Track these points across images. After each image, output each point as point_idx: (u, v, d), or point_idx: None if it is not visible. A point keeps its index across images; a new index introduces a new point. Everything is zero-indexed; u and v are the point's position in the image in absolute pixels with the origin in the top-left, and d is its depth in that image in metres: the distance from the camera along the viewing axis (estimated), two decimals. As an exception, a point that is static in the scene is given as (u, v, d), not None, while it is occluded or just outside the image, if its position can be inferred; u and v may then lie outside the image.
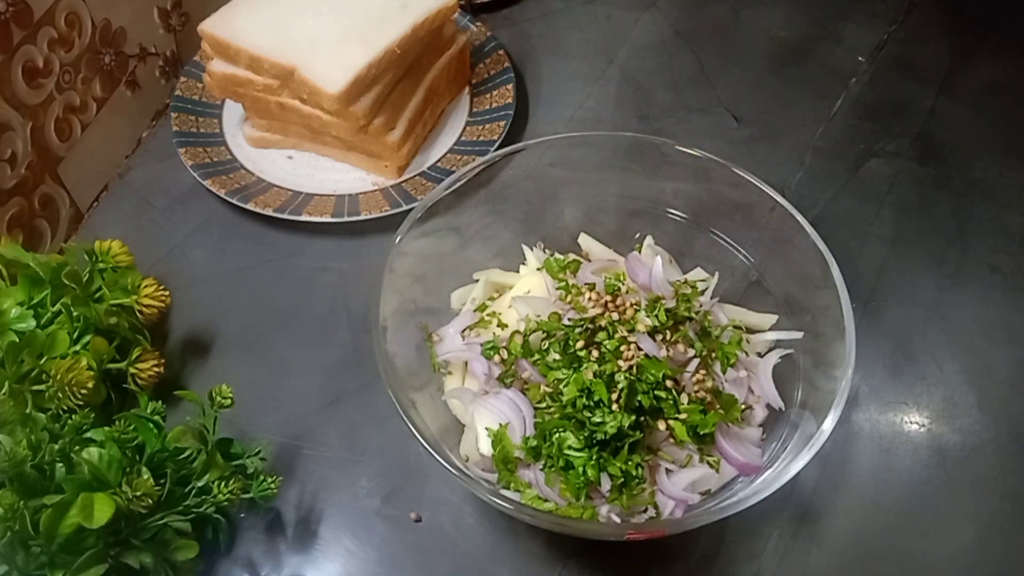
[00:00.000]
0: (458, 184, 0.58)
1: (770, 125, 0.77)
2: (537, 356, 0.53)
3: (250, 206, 0.68)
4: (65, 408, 0.51)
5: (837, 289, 0.51)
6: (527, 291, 0.58)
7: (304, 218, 0.68)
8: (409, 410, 0.49)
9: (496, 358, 0.54)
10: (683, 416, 0.51)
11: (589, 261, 0.61)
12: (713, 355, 0.55)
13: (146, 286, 0.58)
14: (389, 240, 0.54)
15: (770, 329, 0.58)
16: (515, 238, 0.62)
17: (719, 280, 0.60)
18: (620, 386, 0.50)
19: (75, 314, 0.55)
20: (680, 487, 0.51)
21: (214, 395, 0.52)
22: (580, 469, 0.49)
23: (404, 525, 0.56)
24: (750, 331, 0.58)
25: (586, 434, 0.49)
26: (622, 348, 0.52)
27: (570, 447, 0.50)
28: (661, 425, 0.51)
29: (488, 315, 0.57)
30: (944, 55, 0.81)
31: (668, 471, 0.51)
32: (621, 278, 0.57)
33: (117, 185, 0.74)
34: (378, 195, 0.70)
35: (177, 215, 0.72)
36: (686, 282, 0.58)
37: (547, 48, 0.83)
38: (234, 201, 0.69)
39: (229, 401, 0.52)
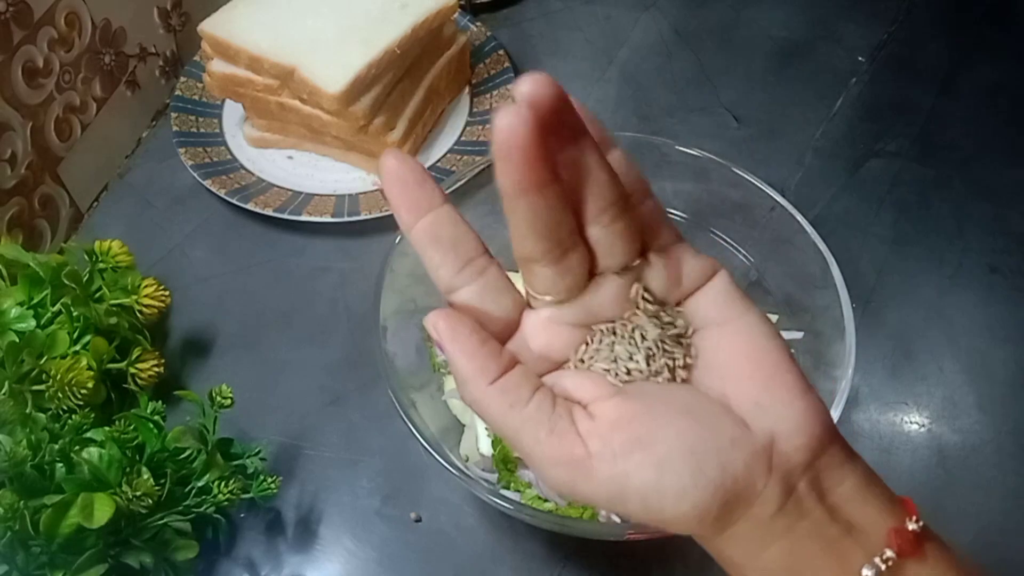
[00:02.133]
0: (458, 184, 0.57)
1: (770, 125, 0.77)
2: (537, 356, 0.53)
3: (250, 206, 0.68)
4: (65, 408, 0.51)
5: (837, 289, 0.51)
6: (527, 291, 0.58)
7: (304, 218, 0.68)
8: (409, 410, 0.49)
9: (496, 358, 0.54)
10: (683, 416, 0.51)
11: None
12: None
13: (146, 286, 0.58)
14: (389, 240, 0.54)
15: (770, 329, 0.58)
16: (515, 238, 0.62)
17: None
18: (620, 386, 0.50)
19: (75, 314, 0.55)
20: (680, 487, 0.51)
21: (214, 395, 0.52)
22: (580, 469, 0.49)
23: (404, 525, 0.56)
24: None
25: (586, 434, 0.49)
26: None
27: (570, 447, 0.50)
28: (661, 425, 0.51)
29: (488, 315, 0.57)
30: (944, 55, 0.81)
31: (668, 471, 0.51)
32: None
33: (117, 185, 0.74)
34: (378, 195, 0.70)
35: (177, 215, 0.72)
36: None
37: (547, 48, 0.83)
38: (234, 201, 0.69)
39: (229, 401, 0.52)
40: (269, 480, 0.53)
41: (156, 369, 0.58)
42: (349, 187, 0.71)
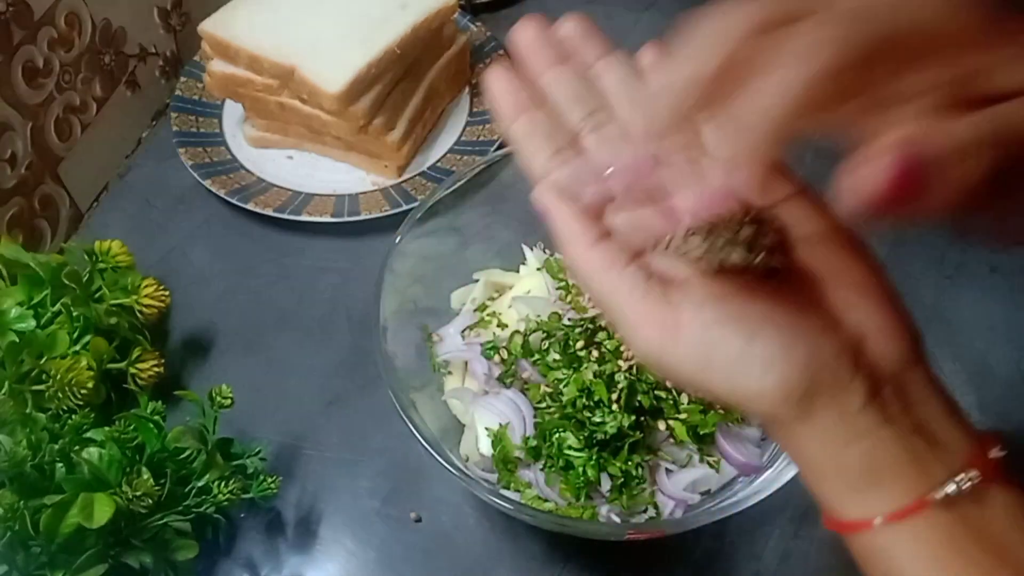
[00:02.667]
0: (458, 184, 0.57)
1: (770, 125, 0.76)
2: (537, 356, 0.53)
3: (250, 206, 0.68)
4: (65, 408, 0.51)
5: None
6: (527, 291, 0.58)
7: (304, 218, 0.68)
8: (409, 410, 0.49)
9: (496, 358, 0.54)
10: (683, 416, 0.51)
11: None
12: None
13: (146, 286, 0.58)
14: (389, 240, 0.54)
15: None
16: (515, 238, 0.62)
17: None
18: (620, 386, 0.50)
19: (75, 314, 0.55)
20: (680, 487, 0.51)
21: (214, 395, 0.52)
22: (580, 469, 0.49)
23: (404, 525, 0.56)
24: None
25: (586, 434, 0.49)
26: (622, 348, 0.52)
27: (570, 447, 0.50)
28: (661, 425, 0.51)
29: (488, 315, 0.57)
30: (944, 55, 0.81)
31: (668, 471, 0.51)
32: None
33: (117, 185, 0.74)
34: (378, 195, 0.70)
35: (177, 215, 0.72)
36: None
37: (547, 48, 0.83)
38: (234, 201, 0.69)
39: (229, 401, 0.52)
40: (269, 480, 0.53)
41: (156, 369, 0.58)
42: (349, 187, 0.71)
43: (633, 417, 0.50)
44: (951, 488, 0.29)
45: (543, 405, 0.52)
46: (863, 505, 0.30)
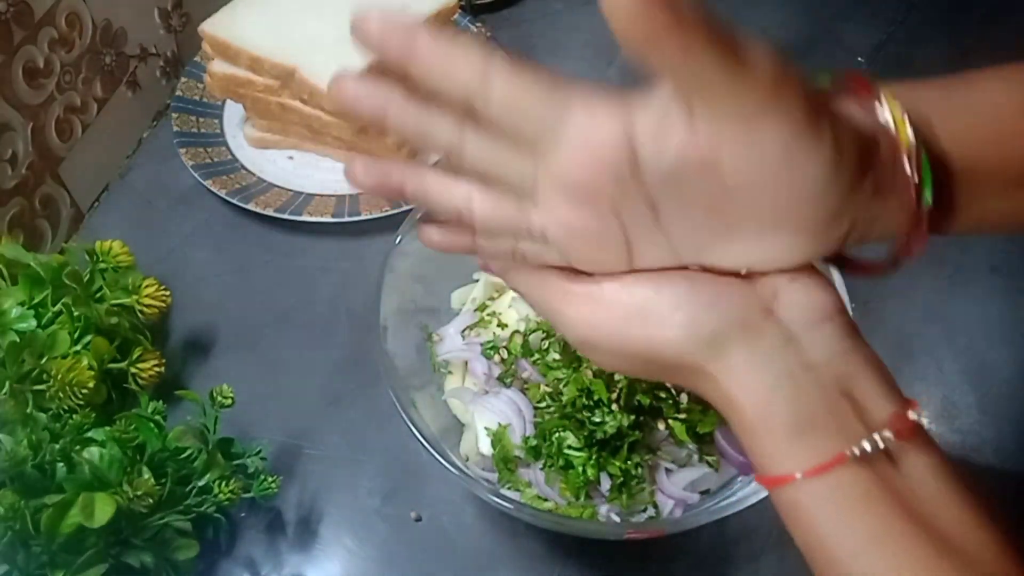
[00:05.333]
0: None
1: (770, 125, 0.76)
2: (537, 356, 0.53)
3: (251, 206, 0.68)
4: (66, 408, 0.51)
5: (836, 289, 0.51)
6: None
7: (305, 218, 0.68)
8: (409, 410, 0.49)
9: (496, 358, 0.54)
10: (683, 416, 0.51)
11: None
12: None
13: (147, 286, 0.59)
14: (389, 240, 0.54)
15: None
16: (515, 238, 0.62)
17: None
18: (620, 386, 0.50)
19: (76, 314, 0.55)
20: (680, 487, 0.51)
21: (215, 395, 0.52)
22: (580, 469, 0.49)
23: (404, 524, 0.56)
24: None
25: (586, 434, 0.50)
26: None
27: (570, 447, 0.50)
28: (661, 425, 0.51)
29: (488, 315, 0.57)
30: (944, 55, 0.81)
31: (668, 471, 0.52)
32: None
33: (118, 185, 0.74)
34: (378, 195, 0.70)
35: (178, 215, 0.72)
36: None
37: (547, 49, 0.83)
38: (235, 201, 0.69)
39: (230, 401, 0.52)
40: (270, 479, 0.53)
41: (157, 369, 0.58)
42: (350, 188, 0.71)
43: (633, 417, 0.50)
44: (868, 445, 0.29)
45: (543, 405, 0.52)
46: (789, 458, 0.30)
